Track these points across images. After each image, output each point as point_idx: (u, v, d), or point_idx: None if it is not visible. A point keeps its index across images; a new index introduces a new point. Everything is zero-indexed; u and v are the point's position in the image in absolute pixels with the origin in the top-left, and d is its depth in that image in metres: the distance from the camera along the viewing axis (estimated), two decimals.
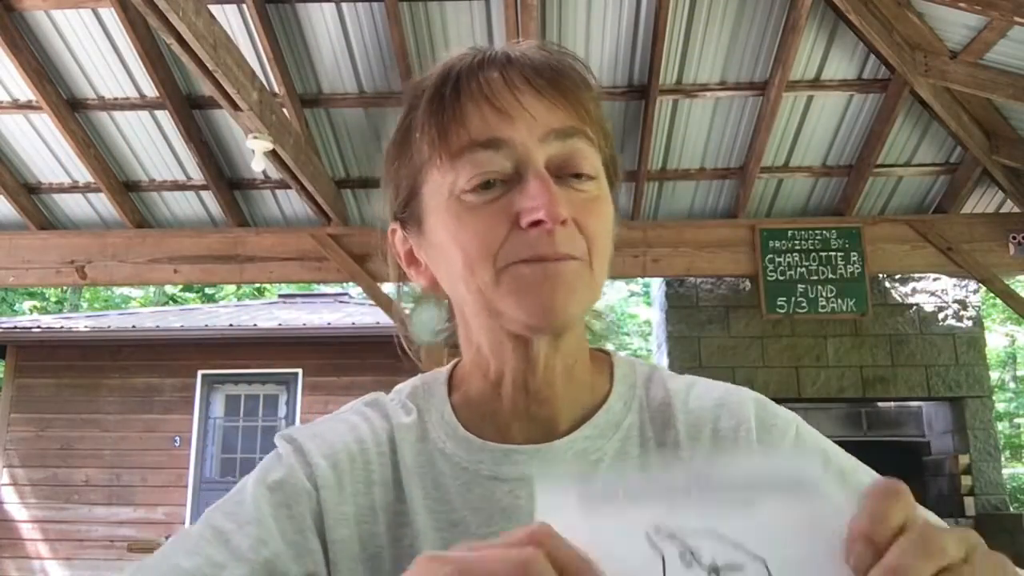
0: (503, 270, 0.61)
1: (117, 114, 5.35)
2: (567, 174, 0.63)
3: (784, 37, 4.74)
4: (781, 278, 5.53)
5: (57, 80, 5.15)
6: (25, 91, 5.15)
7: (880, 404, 6.46)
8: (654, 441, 0.68)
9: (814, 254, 5.56)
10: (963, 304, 6.31)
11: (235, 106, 3.93)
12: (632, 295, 17.29)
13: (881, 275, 6.09)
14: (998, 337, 14.54)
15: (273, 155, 4.42)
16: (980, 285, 5.97)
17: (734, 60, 4.97)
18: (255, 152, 4.26)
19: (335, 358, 9.07)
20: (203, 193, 5.78)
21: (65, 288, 16.60)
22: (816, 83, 5.06)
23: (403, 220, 0.71)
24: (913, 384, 6.12)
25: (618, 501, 0.39)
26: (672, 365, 6.00)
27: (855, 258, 5.54)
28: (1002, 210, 5.76)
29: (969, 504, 5.93)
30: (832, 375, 6.07)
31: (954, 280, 6.30)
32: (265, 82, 4.42)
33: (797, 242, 5.58)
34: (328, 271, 5.72)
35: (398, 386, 0.74)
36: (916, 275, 6.23)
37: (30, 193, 5.83)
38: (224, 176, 5.67)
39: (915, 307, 6.30)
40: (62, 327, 9.73)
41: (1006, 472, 10.62)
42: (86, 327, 9.57)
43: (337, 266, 5.57)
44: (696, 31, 4.83)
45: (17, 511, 8.95)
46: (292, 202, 5.78)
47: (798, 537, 0.38)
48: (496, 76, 0.64)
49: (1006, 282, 5.68)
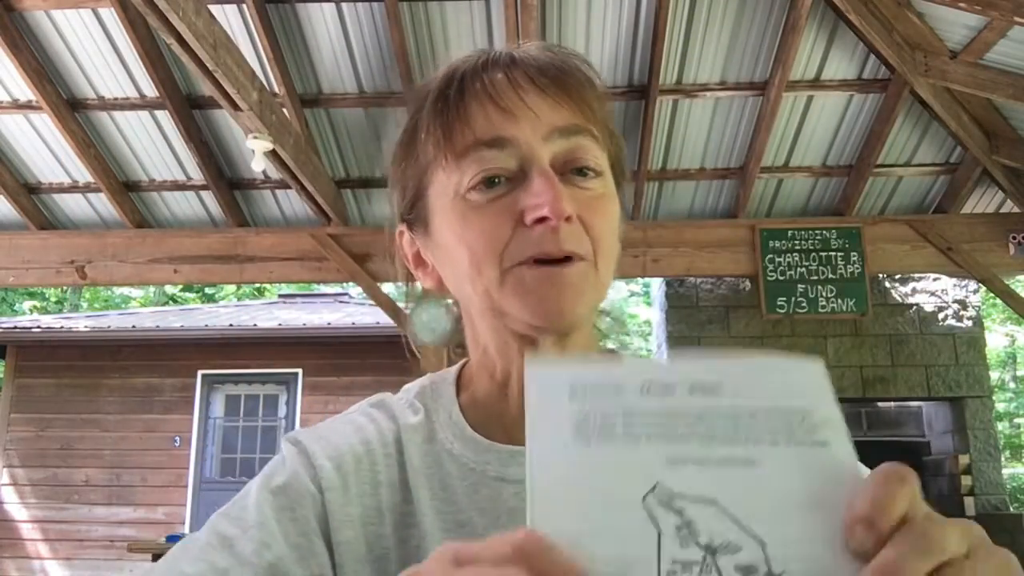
0: (508, 271, 0.61)
1: (117, 114, 5.35)
2: (571, 171, 0.63)
3: (784, 37, 4.74)
4: (781, 278, 5.53)
5: (57, 80, 5.15)
6: (25, 91, 5.15)
7: (880, 404, 6.46)
8: None
9: (814, 254, 5.56)
10: (963, 304, 6.32)
11: (235, 106, 3.93)
12: (632, 295, 17.30)
13: (881, 275, 6.09)
14: (998, 337, 14.54)
15: (273, 155, 4.42)
16: (980, 285, 5.97)
17: (734, 60, 4.97)
18: (255, 152, 4.26)
19: (335, 358, 9.08)
20: (203, 193, 5.78)
21: (65, 288, 16.61)
22: (816, 83, 5.07)
23: (410, 222, 0.71)
24: (913, 384, 6.13)
25: (616, 441, 0.37)
26: None
27: (855, 258, 5.54)
28: (1002, 210, 5.76)
29: (969, 504, 5.94)
30: (832, 375, 5.83)
31: (954, 280, 6.30)
32: (265, 82, 4.42)
33: (797, 242, 5.58)
34: (328, 271, 5.72)
35: (406, 385, 0.74)
36: (916, 275, 6.23)
37: (30, 193, 5.83)
38: (224, 176, 5.67)
39: (915, 307, 6.30)
40: (62, 327, 9.73)
41: (1006, 472, 10.61)
42: (86, 327, 9.57)
43: (337, 266, 5.57)
44: (696, 31, 4.83)
45: (17, 511, 8.95)
46: (292, 202, 5.78)
47: (800, 511, 0.37)
48: (500, 77, 0.64)
49: (1006, 282, 5.68)
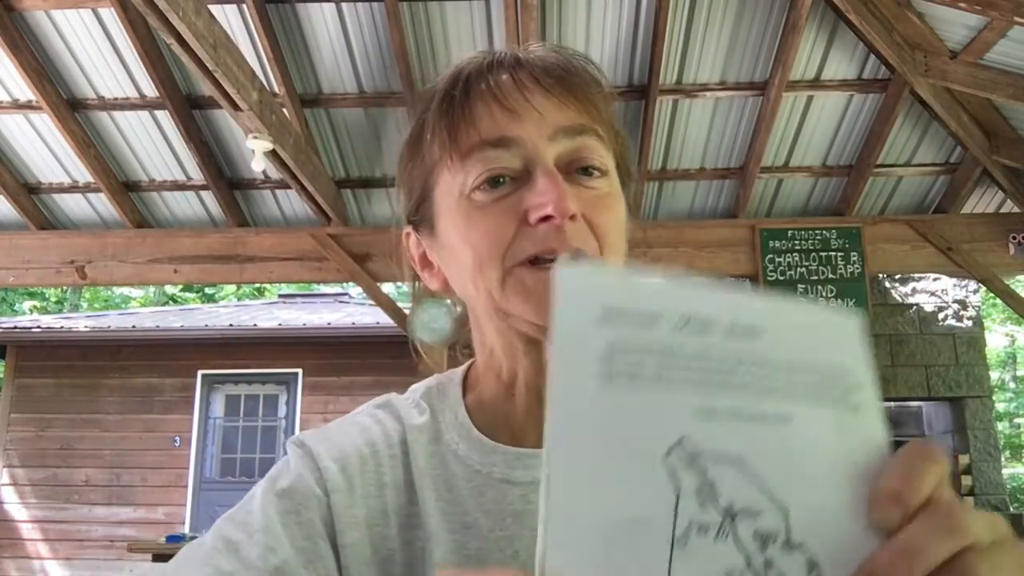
0: (509, 271, 0.61)
1: (117, 114, 5.35)
2: (576, 169, 0.63)
3: (784, 37, 4.74)
4: (781, 278, 5.53)
5: (57, 80, 5.15)
6: (25, 91, 5.15)
7: None
8: None
9: (814, 254, 5.56)
10: (963, 304, 6.32)
11: (235, 106, 3.93)
12: None
13: (881, 275, 6.09)
14: (998, 337, 14.55)
15: (273, 155, 4.42)
16: (980, 285, 5.97)
17: (734, 60, 4.97)
18: (255, 152, 4.26)
19: (335, 358, 9.08)
20: (203, 193, 5.78)
21: (65, 288, 16.61)
22: (816, 83, 5.06)
23: (416, 223, 0.71)
24: (913, 384, 6.13)
25: (645, 385, 0.35)
26: None
27: (855, 258, 5.54)
28: (1002, 210, 5.76)
29: (969, 504, 5.94)
30: None
31: (954, 280, 6.30)
32: (265, 82, 4.42)
33: (797, 242, 5.58)
34: (328, 271, 5.72)
35: (413, 386, 0.74)
36: (916, 275, 6.23)
37: (30, 193, 5.83)
38: (224, 176, 5.67)
39: (915, 307, 6.30)
40: (62, 327, 9.73)
41: (1006, 472, 10.61)
42: (86, 327, 9.58)
43: (337, 266, 5.57)
44: (696, 31, 4.83)
45: (17, 511, 8.95)
46: (292, 202, 5.78)
47: (826, 479, 0.36)
48: (506, 78, 0.64)
49: (1006, 282, 5.68)
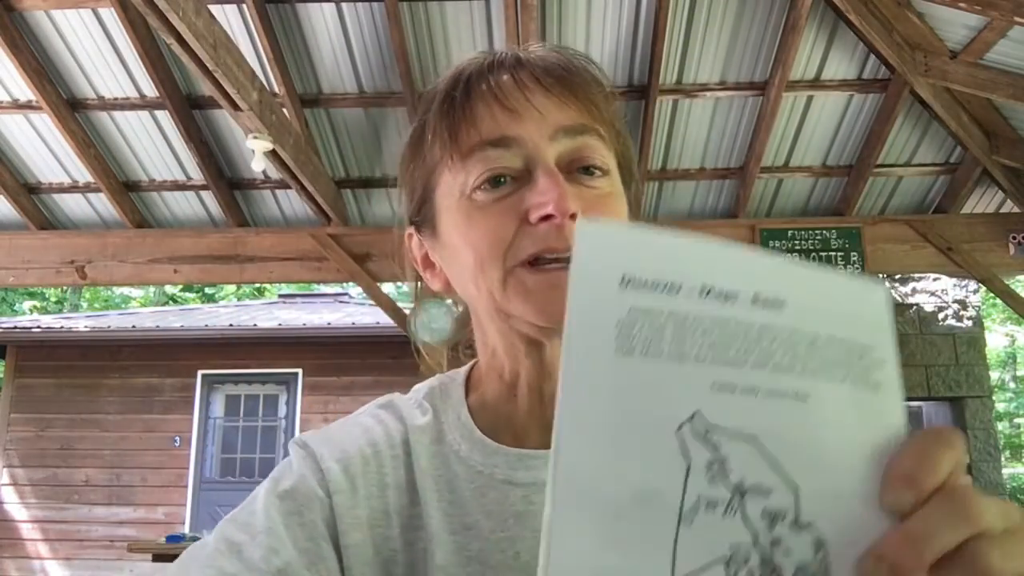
0: (510, 271, 0.61)
1: (117, 114, 5.35)
2: (578, 169, 0.63)
3: (784, 37, 4.74)
4: None
5: (57, 80, 5.15)
6: (25, 91, 5.15)
7: None
8: None
9: (814, 254, 5.56)
10: (963, 304, 6.32)
11: (235, 106, 3.92)
12: None
13: (881, 275, 6.09)
14: (998, 337, 14.55)
15: (273, 155, 4.42)
16: (980, 285, 5.97)
17: (734, 60, 4.97)
18: (255, 152, 4.26)
19: (335, 358, 9.08)
20: (203, 193, 5.78)
21: (65, 288, 16.61)
22: (816, 83, 5.06)
23: (418, 224, 0.71)
24: (913, 384, 6.13)
25: (662, 356, 0.34)
26: None
27: (855, 258, 5.54)
28: (1002, 210, 5.76)
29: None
30: None
31: (954, 280, 6.31)
32: (265, 82, 4.42)
33: (797, 242, 5.58)
34: (328, 271, 5.72)
35: (417, 385, 0.74)
36: (916, 275, 6.24)
37: (30, 193, 5.83)
38: (224, 176, 5.67)
39: (915, 307, 6.30)
40: (62, 327, 9.73)
41: (1006, 472, 10.61)
42: (86, 327, 9.57)
43: (337, 266, 5.57)
44: (696, 31, 4.83)
45: (17, 511, 8.95)
46: (292, 202, 5.78)
47: (839, 458, 0.35)
48: (506, 78, 0.64)
49: (1006, 282, 5.68)
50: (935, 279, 6.33)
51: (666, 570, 0.33)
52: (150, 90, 5.14)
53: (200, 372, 9.26)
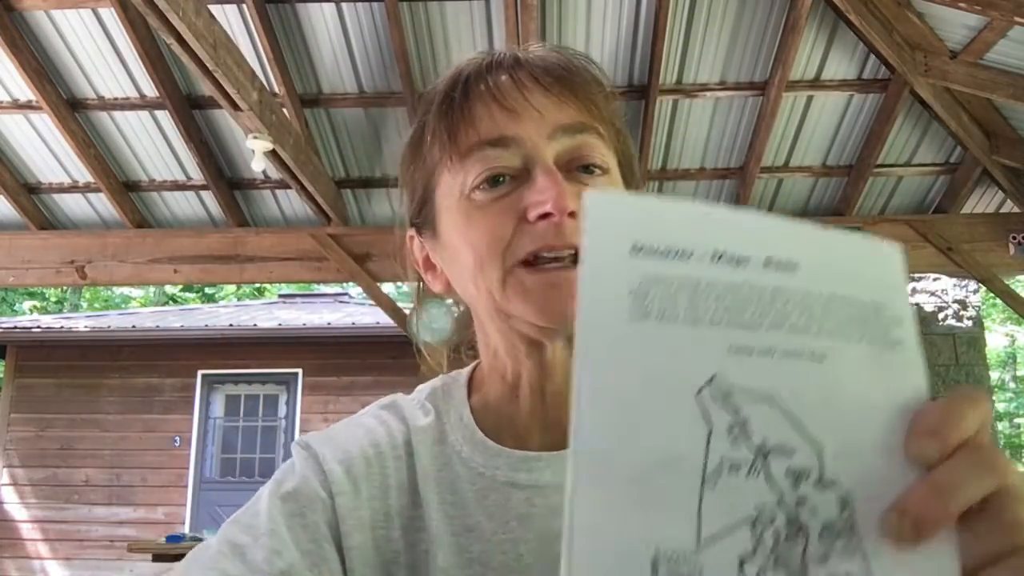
0: (510, 271, 0.61)
1: (117, 114, 5.35)
2: (577, 167, 0.63)
3: (784, 37, 4.74)
4: None
5: (57, 80, 5.15)
6: (25, 91, 5.15)
7: None
8: None
9: None
10: (963, 304, 6.32)
11: (235, 106, 3.92)
12: None
13: None
14: (998, 337, 14.55)
15: (273, 155, 4.42)
16: (980, 285, 5.97)
17: (734, 60, 4.97)
18: (255, 152, 4.26)
19: (335, 358, 9.08)
20: (203, 193, 5.78)
21: (65, 288, 16.61)
22: (816, 83, 5.06)
23: (418, 225, 0.71)
24: None
25: (677, 321, 0.34)
26: None
27: None
28: (1002, 210, 5.76)
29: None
30: None
31: (954, 280, 6.30)
32: (265, 82, 4.42)
33: None
34: (328, 271, 5.72)
35: (420, 386, 0.74)
36: (916, 275, 6.23)
37: (30, 193, 5.83)
38: (224, 176, 5.67)
39: (915, 307, 6.30)
40: (62, 327, 9.73)
41: None
42: (86, 327, 9.58)
43: (337, 266, 5.57)
44: (696, 31, 4.83)
45: (17, 511, 8.95)
46: (292, 202, 5.78)
47: (861, 416, 0.35)
48: (505, 78, 0.64)
49: (1006, 282, 5.68)
50: (935, 279, 6.33)
51: (692, 532, 0.33)
52: (150, 90, 5.14)
53: (200, 372, 9.26)
